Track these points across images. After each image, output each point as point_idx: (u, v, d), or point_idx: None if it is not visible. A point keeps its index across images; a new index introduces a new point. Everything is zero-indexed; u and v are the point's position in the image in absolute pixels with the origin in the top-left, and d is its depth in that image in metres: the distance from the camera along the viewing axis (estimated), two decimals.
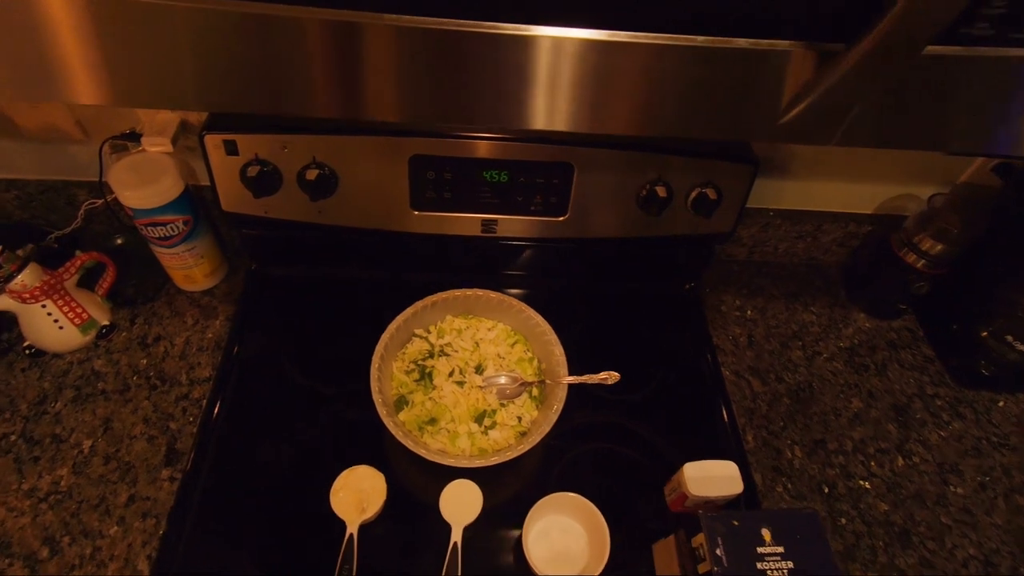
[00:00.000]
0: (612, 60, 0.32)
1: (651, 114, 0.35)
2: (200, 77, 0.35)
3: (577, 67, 0.33)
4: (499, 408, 0.74)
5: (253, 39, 0.33)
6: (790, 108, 0.34)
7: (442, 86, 0.35)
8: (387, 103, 0.36)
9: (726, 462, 0.69)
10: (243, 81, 0.35)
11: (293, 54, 0.34)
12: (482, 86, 0.34)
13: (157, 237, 0.77)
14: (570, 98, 0.34)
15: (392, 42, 0.33)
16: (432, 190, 0.77)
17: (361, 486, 0.68)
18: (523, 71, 0.33)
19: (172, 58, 0.33)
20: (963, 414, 0.87)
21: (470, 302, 0.81)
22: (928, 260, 0.87)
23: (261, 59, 0.34)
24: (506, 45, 0.32)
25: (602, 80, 0.33)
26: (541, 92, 0.34)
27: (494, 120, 0.36)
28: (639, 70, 0.33)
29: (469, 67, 0.33)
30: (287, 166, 0.73)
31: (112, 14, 0.32)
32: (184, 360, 0.81)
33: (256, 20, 0.32)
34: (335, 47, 0.33)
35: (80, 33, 0.33)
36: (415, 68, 0.34)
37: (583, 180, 0.77)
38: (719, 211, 0.79)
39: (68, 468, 0.70)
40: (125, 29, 0.33)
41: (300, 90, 0.36)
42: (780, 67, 0.33)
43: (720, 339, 0.92)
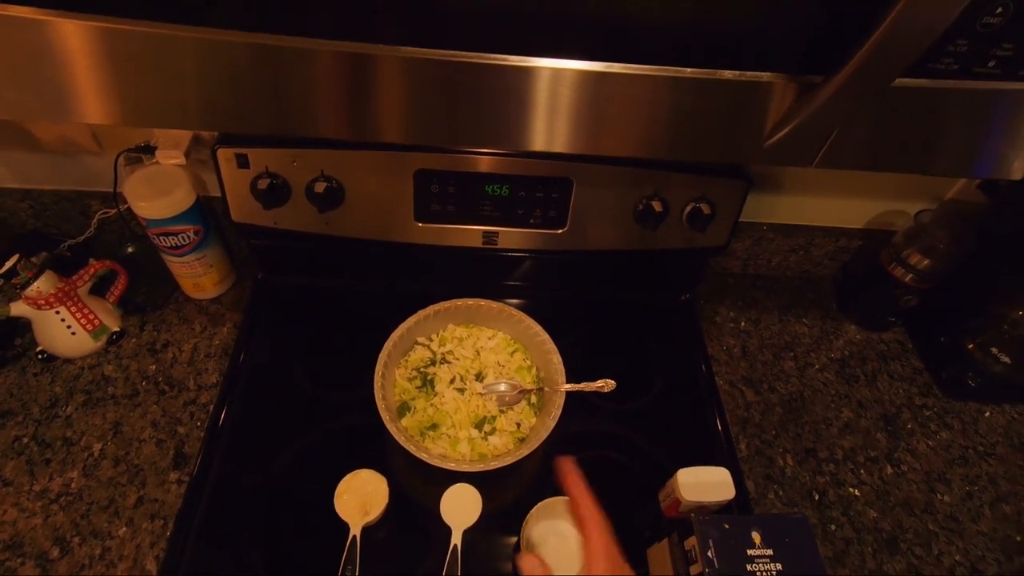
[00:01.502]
0: (609, 89, 0.35)
1: (645, 138, 0.38)
2: (207, 102, 0.38)
3: (576, 95, 0.35)
4: (499, 415, 0.76)
5: (261, 67, 0.36)
6: (773, 133, 0.37)
7: (446, 113, 0.37)
8: (392, 128, 0.39)
9: (719, 468, 0.71)
10: (250, 105, 0.38)
11: (300, 82, 0.36)
12: (484, 113, 0.37)
13: (168, 246, 0.79)
14: (569, 124, 0.36)
15: (398, 72, 0.35)
16: (435, 203, 0.80)
17: (364, 490, 0.70)
18: (524, 99, 0.36)
19: (180, 84, 0.36)
20: (950, 424, 0.89)
21: (471, 311, 0.83)
22: (916, 275, 0.90)
23: (269, 86, 0.37)
24: (508, 75, 0.34)
25: (599, 107, 0.36)
26: (541, 118, 0.37)
27: (496, 143, 0.39)
28: (634, 98, 0.35)
29: (472, 95, 0.36)
30: (296, 179, 0.76)
31: (124, 42, 0.34)
32: (192, 366, 0.83)
33: (264, 50, 0.35)
34: (342, 76, 0.36)
35: (93, 59, 0.35)
36: (420, 96, 0.36)
37: (581, 194, 0.80)
38: (713, 225, 0.82)
39: (79, 470, 0.72)
40: (138, 56, 0.35)
41: (307, 115, 0.38)
42: (763, 96, 0.36)
43: (714, 349, 0.95)
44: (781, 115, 0.36)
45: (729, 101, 0.36)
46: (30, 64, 0.36)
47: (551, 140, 0.38)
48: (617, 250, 0.87)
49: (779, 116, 0.36)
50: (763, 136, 0.38)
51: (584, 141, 0.38)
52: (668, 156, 0.40)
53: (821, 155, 0.39)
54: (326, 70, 0.36)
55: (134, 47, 0.35)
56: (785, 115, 0.36)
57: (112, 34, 0.34)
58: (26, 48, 0.35)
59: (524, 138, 0.38)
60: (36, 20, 0.33)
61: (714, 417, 0.85)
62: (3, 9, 0.33)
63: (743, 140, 0.38)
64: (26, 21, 0.33)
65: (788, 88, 0.35)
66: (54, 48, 0.35)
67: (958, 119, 0.37)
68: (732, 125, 0.37)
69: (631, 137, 0.38)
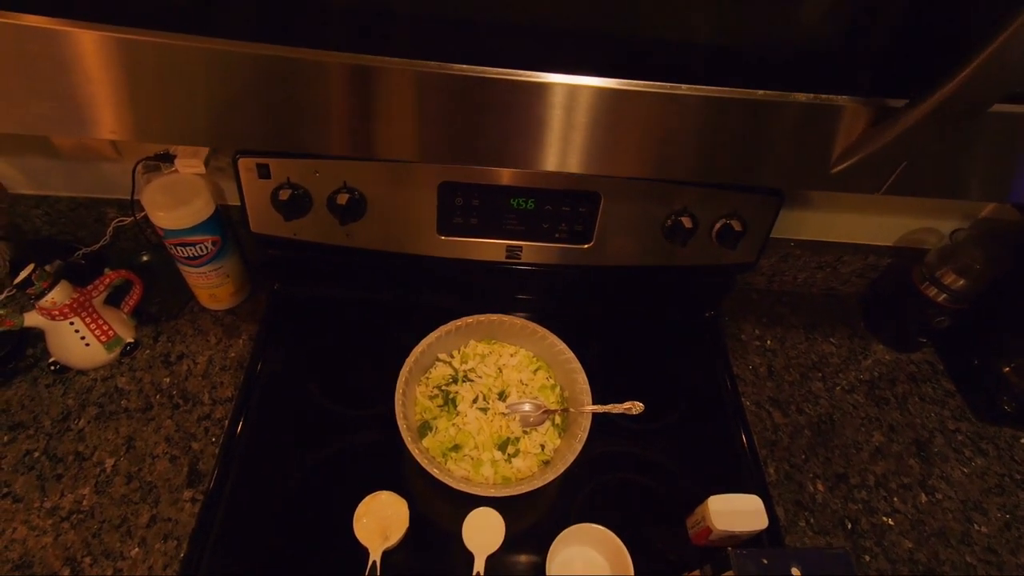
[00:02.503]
0: (667, 111, 0.33)
1: (702, 163, 0.36)
2: (219, 117, 0.36)
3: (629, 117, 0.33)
4: (522, 436, 0.74)
5: (273, 79, 0.34)
6: (843, 159, 0.35)
7: (460, 129, 0.36)
8: (405, 144, 0.37)
9: (751, 496, 0.69)
10: (262, 121, 0.36)
11: (312, 96, 0.34)
12: (522, 134, 0.35)
13: (186, 257, 0.78)
14: (623, 148, 0.34)
15: (411, 86, 0.33)
16: (459, 216, 0.78)
17: (384, 513, 0.67)
18: (567, 119, 0.34)
19: (192, 97, 0.34)
20: (985, 450, 0.86)
21: (493, 327, 0.81)
22: (949, 295, 0.87)
23: (281, 99, 0.35)
24: (554, 94, 0.33)
25: (650, 131, 0.34)
26: (579, 138, 0.35)
27: (523, 163, 0.37)
28: (697, 121, 0.33)
29: (489, 111, 0.34)
30: (318, 190, 0.74)
31: (136, 53, 0.33)
32: (207, 379, 0.81)
33: (276, 62, 0.33)
34: (355, 90, 0.34)
35: (105, 71, 0.34)
36: (436, 113, 0.35)
37: (609, 209, 0.78)
38: (743, 242, 0.80)
39: (91, 487, 0.70)
40: (149, 68, 0.34)
41: (319, 130, 0.37)
42: (836, 120, 0.33)
43: (740, 368, 0.92)
44: (853, 140, 0.34)
45: (799, 125, 0.34)
46: (42, 76, 0.34)
47: (594, 162, 0.36)
48: (643, 266, 0.85)
49: (849, 141, 0.34)
50: (829, 162, 0.35)
51: (633, 165, 0.36)
52: (725, 180, 0.37)
53: (890, 182, 0.37)
54: (340, 83, 0.34)
55: (145, 58, 0.33)
56: (858, 141, 0.34)
57: (124, 44, 0.32)
58: (38, 59, 0.33)
59: (557, 159, 0.36)
60: (49, 30, 0.32)
61: (741, 440, 0.83)
62: (17, 19, 0.31)
63: (807, 166, 0.36)
64: (39, 31, 0.32)
65: (862, 112, 0.33)
66: (66, 60, 0.33)
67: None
68: (798, 150, 0.35)
69: (685, 160, 0.36)
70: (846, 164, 0.35)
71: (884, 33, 0.31)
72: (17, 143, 0.79)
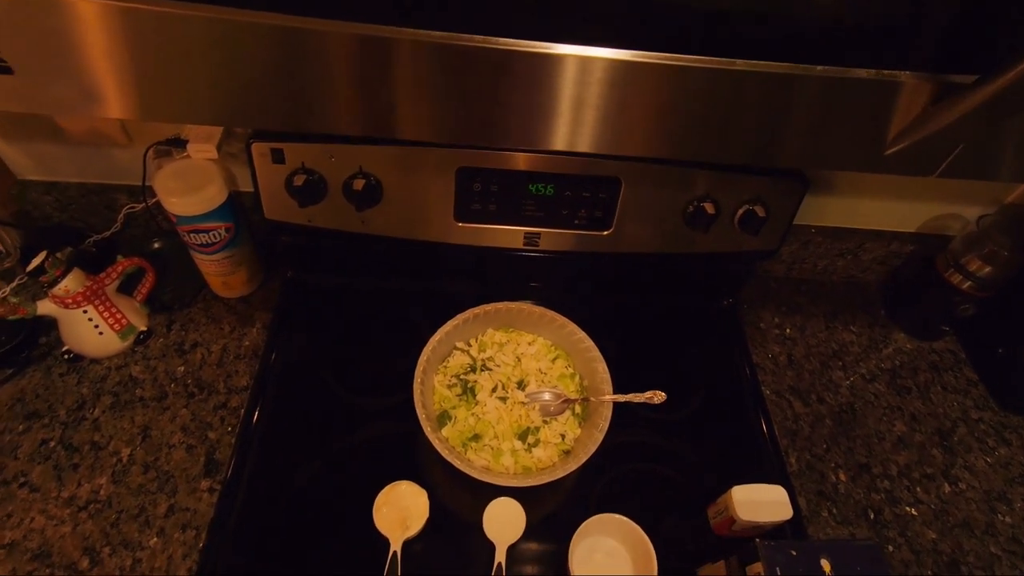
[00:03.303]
0: (713, 87, 0.31)
1: (747, 144, 0.34)
2: (227, 93, 0.34)
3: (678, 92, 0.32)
4: (542, 425, 0.73)
5: (283, 53, 0.32)
6: (899, 140, 0.33)
7: (473, 104, 0.34)
8: (418, 122, 0.35)
9: (774, 486, 0.68)
10: (273, 97, 0.35)
11: (323, 70, 0.33)
12: (521, 106, 0.33)
13: (199, 244, 0.76)
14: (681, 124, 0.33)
15: (422, 58, 0.32)
16: (477, 202, 0.76)
17: (403, 503, 0.67)
18: (601, 94, 0.32)
19: (199, 73, 0.33)
20: (1009, 440, 0.85)
21: (512, 315, 0.80)
22: (975, 282, 0.86)
23: (290, 73, 0.33)
24: (561, 65, 0.31)
25: (695, 107, 0.32)
26: (588, 116, 0.33)
27: (536, 141, 0.35)
28: (748, 100, 0.32)
29: (503, 85, 0.33)
30: (333, 175, 0.72)
31: (142, 24, 0.31)
32: (221, 368, 0.80)
33: (286, 33, 0.31)
34: (365, 63, 0.33)
35: (114, 48, 0.32)
36: (443, 84, 0.33)
37: (630, 195, 0.76)
38: (766, 229, 0.78)
39: (107, 477, 0.69)
40: (156, 40, 0.32)
41: (329, 107, 0.35)
42: (895, 97, 0.32)
43: (759, 357, 0.91)
44: (911, 120, 0.32)
45: (856, 103, 0.32)
46: (49, 51, 0.33)
47: (616, 141, 0.35)
48: (663, 253, 0.83)
49: (907, 121, 0.32)
50: (885, 143, 0.34)
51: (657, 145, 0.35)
52: (770, 164, 0.36)
53: (946, 165, 0.35)
54: (345, 57, 0.32)
55: (147, 29, 0.32)
56: (918, 120, 0.32)
57: (126, 14, 0.31)
58: (43, 33, 0.32)
59: (571, 138, 0.35)
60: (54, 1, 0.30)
61: (762, 429, 0.82)
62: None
63: (860, 147, 0.34)
64: (45, 2, 0.30)
65: (924, 89, 0.31)
66: (68, 32, 0.32)
67: None
68: (853, 131, 0.34)
69: (726, 141, 0.34)
70: (902, 145, 0.33)
71: (949, 3, 0.29)
72: (25, 128, 0.78)
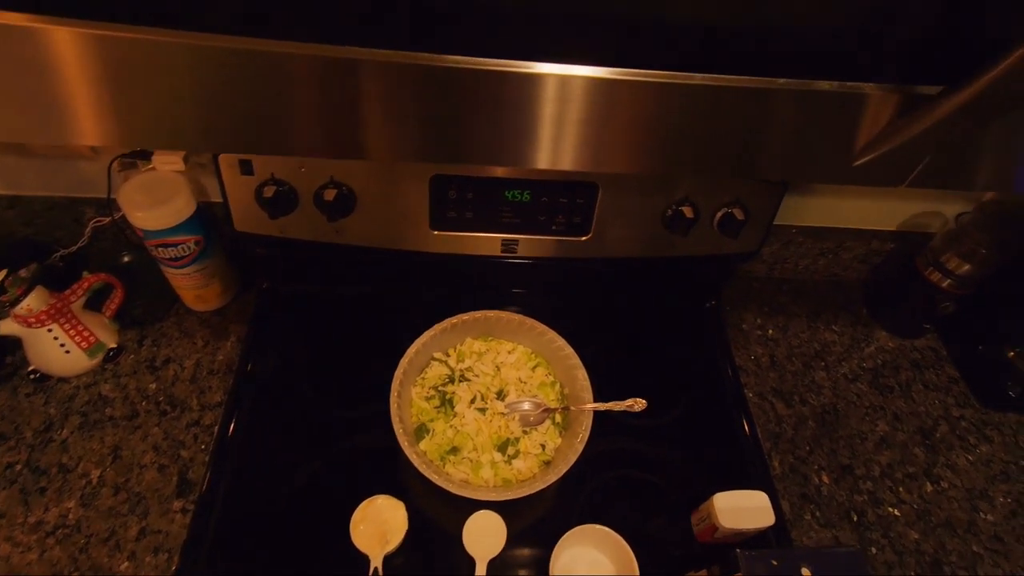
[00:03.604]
0: (677, 103, 0.30)
1: (711, 158, 0.33)
2: (199, 118, 0.33)
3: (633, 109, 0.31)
4: (522, 436, 0.72)
5: (246, 77, 0.31)
6: (867, 151, 0.32)
7: (444, 127, 0.33)
8: (391, 144, 0.34)
9: (757, 492, 0.67)
10: (239, 123, 0.33)
11: (289, 94, 0.31)
12: (495, 126, 0.32)
13: (168, 258, 0.74)
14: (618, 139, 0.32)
15: (394, 80, 0.31)
16: (452, 210, 0.75)
17: (382, 517, 0.66)
18: (544, 114, 0.31)
19: (173, 98, 0.31)
20: (990, 437, 0.85)
21: (490, 324, 0.79)
22: (954, 280, 0.86)
23: (254, 99, 0.32)
24: (541, 86, 0.30)
25: (671, 125, 0.31)
26: (569, 133, 0.32)
27: (514, 161, 0.34)
28: (705, 112, 0.31)
29: (473, 107, 0.31)
30: (304, 186, 0.71)
31: (115, 50, 0.30)
32: (195, 384, 0.78)
33: (248, 56, 0.30)
34: (338, 86, 0.31)
35: (86, 76, 0.30)
36: (413, 106, 0.32)
37: (608, 200, 0.75)
38: (745, 231, 0.77)
39: (76, 500, 0.67)
40: (129, 66, 0.30)
41: (303, 131, 0.34)
42: (861, 109, 0.31)
43: (742, 359, 0.90)
44: (878, 131, 0.31)
45: (820, 116, 0.31)
46: (19, 80, 0.31)
47: (573, 158, 0.34)
48: (642, 257, 0.82)
49: (874, 132, 0.32)
50: (852, 155, 0.33)
51: (635, 162, 0.34)
52: (738, 176, 0.35)
53: (915, 175, 0.34)
54: (318, 80, 0.31)
55: (125, 56, 0.30)
56: (885, 132, 0.31)
57: (101, 41, 0.29)
58: (15, 61, 0.30)
59: (549, 156, 0.33)
60: (22, 28, 0.28)
61: (745, 433, 0.81)
62: None
63: (827, 160, 0.34)
64: (11, 29, 0.28)
65: (890, 101, 0.30)
66: (43, 60, 0.30)
67: None
68: (818, 143, 0.33)
69: (692, 155, 0.33)
70: (870, 156, 0.32)
71: (914, 14, 0.28)
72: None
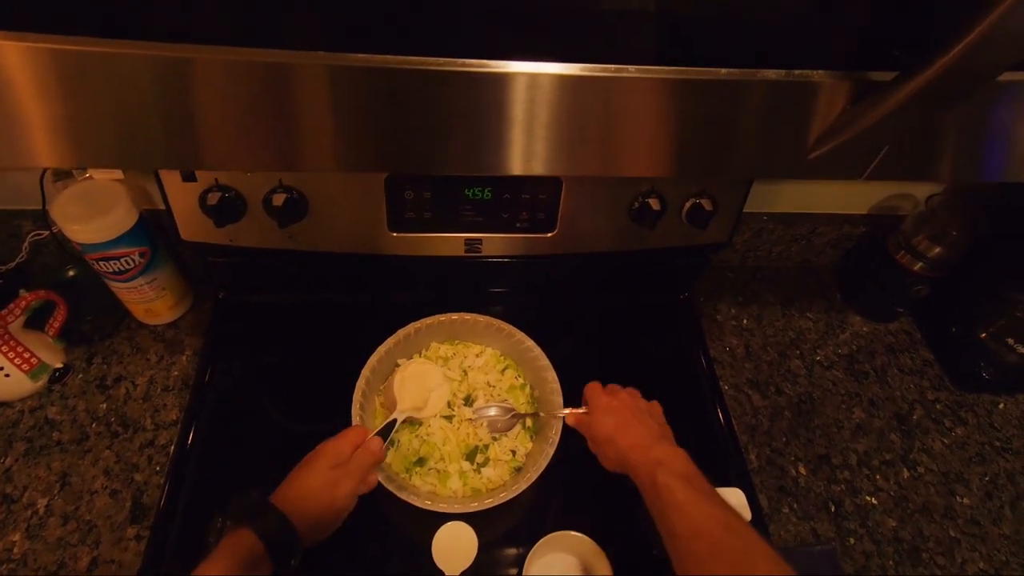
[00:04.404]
0: (624, 98, 0.28)
1: (660, 156, 0.31)
2: (117, 134, 0.29)
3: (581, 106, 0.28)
4: (491, 443, 0.69)
5: (175, 85, 0.27)
6: (821, 144, 0.30)
7: (404, 133, 0.30)
8: (346, 155, 0.31)
9: (732, 490, 0.66)
10: (170, 134, 0.29)
11: (224, 103, 0.28)
12: (457, 131, 0.29)
13: (111, 272, 0.71)
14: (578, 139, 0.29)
15: (341, 85, 0.27)
16: (411, 210, 0.72)
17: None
18: (504, 113, 0.28)
19: (78, 112, 0.27)
20: (965, 419, 0.85)
21: (456, 327, 0.76)
22: (926, 263, 0.85)
23: (183, 109, 0.28)
24: (499, 84, 0.27)
25: (602, 121, 0.29)
26: (524, 135, 0.29)
27: (476, 167, 0.31)
28: (649, 108, 0.28)
29: (433, 111, 0.28)
30: (251, 191, 0.67)
31: (66, 64, 0.26)
32: (148, 402, 0.75)
33: (176, 64, 0.26)
34: (282, 93, 0.28)
35: (40, 94, 0.27)
36: (370, 114, 0.29)
37: (572, 194, 0.72)
38: (715, 222, 0.75)
39: (21, 532, 0.64)
40: (80, 80, 0.26)
41: (248, 145, 0.30)
42: (812, 99, 0.28)
43: (717, 351, 0.89)
44: (832, 122, 0.29)
45: (768, 107, 0.29)
46: None
47: (545, 161, 0.31)
48: (612, 251, 0.80)
49: (827, 123, 0.29)
50: (806, 148, 0.31)
51: (589, 161, 0.31)
52: (692, 176, 0.32)
53: (874, 166, 0.32)
54: (271, 86, 0.28)
55: (76, 69, 0.26)
56: (838, 121, 0.29)
57: (54, 56, 0.25)
58: None
59: (510, 162, 0.30)
60: None
61: (721, 427, 0.80)
62: None
63: (781, 154, 0.31)
64: None
65: (841, 89, 0.28)
66: None
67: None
68: (770, 137, 0.30)
69: (644, 155, 0.31)
70: (825, 148, 0.30)
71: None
72: None
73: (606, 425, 0.61)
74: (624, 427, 0.60)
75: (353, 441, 0.60)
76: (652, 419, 0.63)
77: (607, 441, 0.61)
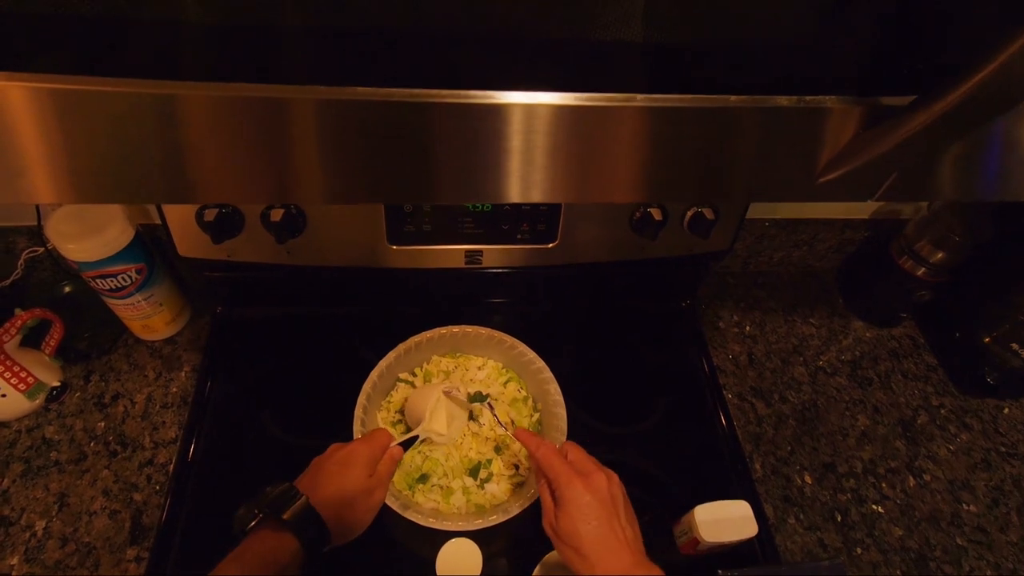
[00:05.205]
0: (630, 126, 0.27)
1: (669, 182, 0.30)
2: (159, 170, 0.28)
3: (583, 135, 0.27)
4: (495, 457, 0.69)
5: (164, 123, 0.26)
6: (832, 168, 0.30)
7: (402, 164, 0.29)
8: (341, 187, 0.30)
9: (738, 502, 0.65)
10: (153, 171, 0.28)
11: (210, 141, 0.27)
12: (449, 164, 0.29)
13: (108, 289, 0.70)
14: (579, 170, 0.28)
15: (332, 119, 0.26)
16: (410, 223, 0.71)
17: None
18: (504, 145, 0.27)
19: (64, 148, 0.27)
20: (970, 424, 0.84)
21: (457, 340, 0.76)
22: (929, 268, 0.84)
23: (168, 147, 0.27)
24: (499, 116, 0.26)
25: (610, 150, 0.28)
26: (521, 165, 0.29)
27: (474, 197, 0.31)
28: (654, 137, 0.27)
29: (429, 144, 0.28)
30: (249, 206, 0.66)
31: (64, 103, 0.25)
32: (147, 420, 0.74)
33: (168, 102, 0.25)
34: (277, 128, 0.27)
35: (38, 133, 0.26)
36: (355, 147, 0.28)
37: (573, 205, 0.72)
38: (716, 230, 0.75)
39: (20, 555, 0.63)
40: (82, 118, 0.25)
41: (248, 178, 0.29)
42: (823, 125, 0.28)
43: (720, 359, 0.88)
44: (843, 147, 0.28)
45: (778, 133, 0.28)
46: None
47: (545, 191, 0.30)
48: (612, 261, 0.79)
49: (838, 148, 0.29)
50: (815, 173, 0.30)
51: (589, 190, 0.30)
52: (690, 200, 0.32)
53: (884, 189, 0.31)
54: (264, 122, 0.27)
55: (73, 107, 0.25)
56: (850, 147, 0.28)
57: (52, 95, 0.24)
58: None
59: (509, 192, 0.30)
60: None
61: (725, 436, 0.79)
62: None
63: (788, 178, 0.31)
64: None
65: (853, 114, 0.27)
66: None
67: None
68: (779, 162, 0.30)
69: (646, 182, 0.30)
70: (837, 173, 0.30)
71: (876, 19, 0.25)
72: None
73: (579, 533, 0.50)
74: (600, 543, 0.50)
75: (384, 445, 0.58)
76: (625, 516, 0.53)
77: (575, 553, 0.51)
